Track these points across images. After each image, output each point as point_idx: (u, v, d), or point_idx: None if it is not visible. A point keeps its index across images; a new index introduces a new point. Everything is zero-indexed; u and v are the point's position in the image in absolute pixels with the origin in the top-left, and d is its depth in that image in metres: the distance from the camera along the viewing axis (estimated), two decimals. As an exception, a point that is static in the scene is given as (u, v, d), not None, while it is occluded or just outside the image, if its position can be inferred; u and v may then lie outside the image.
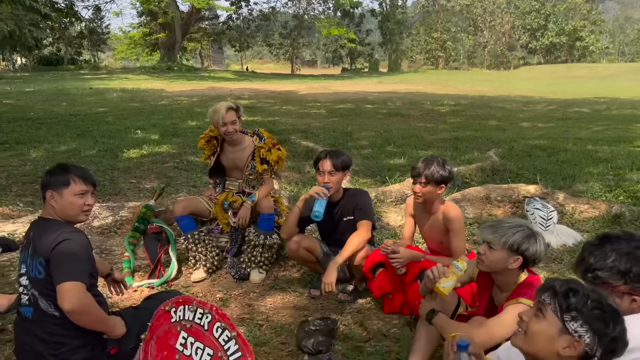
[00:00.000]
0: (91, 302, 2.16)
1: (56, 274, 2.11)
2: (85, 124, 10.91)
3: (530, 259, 2.22)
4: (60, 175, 2.33)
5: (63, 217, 2.32)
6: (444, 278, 2.29)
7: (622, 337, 1.49)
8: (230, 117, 3.68)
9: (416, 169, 3.01)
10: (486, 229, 2.29)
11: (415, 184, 3.02)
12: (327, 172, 3.26)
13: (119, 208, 4.39)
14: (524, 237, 2.21)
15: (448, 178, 2.99)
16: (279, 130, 9.91)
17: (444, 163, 2.99)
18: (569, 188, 6.00)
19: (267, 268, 3.83)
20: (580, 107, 16.51)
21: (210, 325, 2.05)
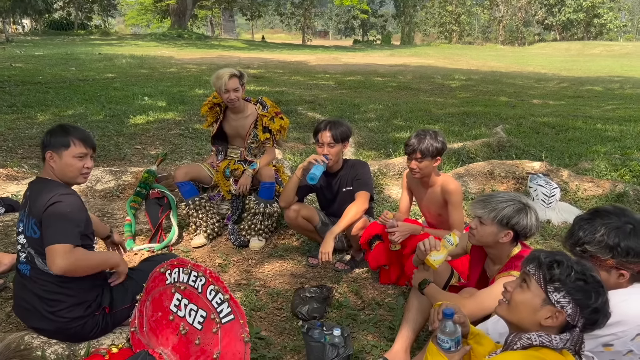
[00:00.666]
0: (79, 257, 2.17)
1: (45, 235, 2.14)
2: (93, 89, 10.90)
3: (521, 232, 2.22)
4: (61, 137, 2.35)
5: (61, 178, 2.34)
6: (435, 251, 2.30)
7: (604, 309, 1.49)
8: (232, 84, 3.66)
9: (410, 145, 2.98)
10: (476, 203, 2.29)
11: (410, 160, 3.01)
12: (327, 143, 3.25)
13: (122, 173, 4.42)
14: (515, 211, 2.20)
15: (442, 149, 2.97)
16: (286, 100, 9.87)
17: (436, 135, 2.96)
18: (575, 166, 5.95)
19: (267, 236, 3.86)
20: (593, 85, 16.24)
21: (204, 288, 2.09)
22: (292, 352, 2.57)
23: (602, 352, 1.81)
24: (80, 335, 2.32)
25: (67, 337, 2.33)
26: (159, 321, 2.22)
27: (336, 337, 2.41)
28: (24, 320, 2.39)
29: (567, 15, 55.12)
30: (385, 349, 2.54)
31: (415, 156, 2.96)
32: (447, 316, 1.71)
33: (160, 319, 2.21)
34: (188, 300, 2.13)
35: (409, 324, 2.47)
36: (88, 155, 2.40)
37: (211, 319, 2.06)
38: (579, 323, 1.50)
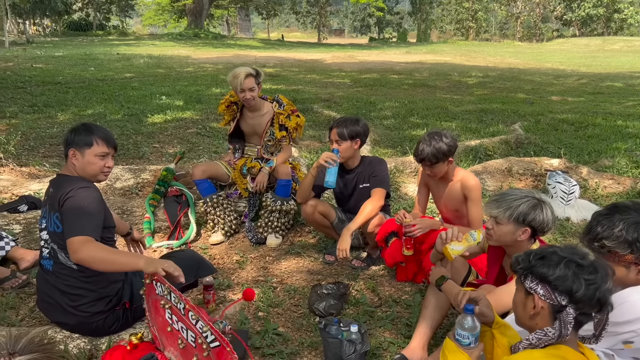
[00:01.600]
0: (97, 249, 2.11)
1: (65, 228, 2.17)
2: (112, 88, 11.04)
3: (538, 228, 2.21)
4: (85, 135, 2.39)
5: (82, 176, 2.38)
6: (456, 241, 2.30)
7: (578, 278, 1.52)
8: (248, 84, 3.69)
9: (419, 155, 2.96)
10: (490, 203, 2.28)
11: (424, 167, 3.01)
12: (335, 140, 3.28)
13: (141, 171, 4.48)
14: (530, 207, 2.19)
15: (451, 150, 2.94)
16: (301, 99, 9.89)
17: (442, 136, 2.93)
18: (594, 163, 5.88)
19: (284, 233, 3.88)
20: (614, 81, 15.97)
21: (186, 312, 1.99)
22: (309, 348, 2.59)
23: (622, 349, 1.80)
24: (101, 329, 2.36)
25: (89, 331, 2.37)
26: (162, 327, 2.17)
27: (353, 333, 2.42)
28: (46, 315, 2.44)
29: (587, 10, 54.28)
30: (403, 346, 2.54)
31: (426, 164, 2.96)
32: (467, 311, 1.72)
33: (162, 325, 2.16)
34: (177, 318, 2.05)
35: (426, 321, 2.47)
36: (109, 154, 2.45)
37: (199, 343, 1.97)
38: (562, 301, 1.52)
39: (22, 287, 3.07)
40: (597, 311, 1.54)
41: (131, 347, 2.19)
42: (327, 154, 3.19)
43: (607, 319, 1.58)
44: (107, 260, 2.10)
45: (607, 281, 1.52)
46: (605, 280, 1.52)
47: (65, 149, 2.41)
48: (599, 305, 1.52)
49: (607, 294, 1.52)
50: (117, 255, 2.13)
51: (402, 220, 2.98)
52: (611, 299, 1.54)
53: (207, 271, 2.65)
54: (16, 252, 3.28)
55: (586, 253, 1.59)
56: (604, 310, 1.54)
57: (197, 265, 2.59)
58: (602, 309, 1.53)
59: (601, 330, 1.60)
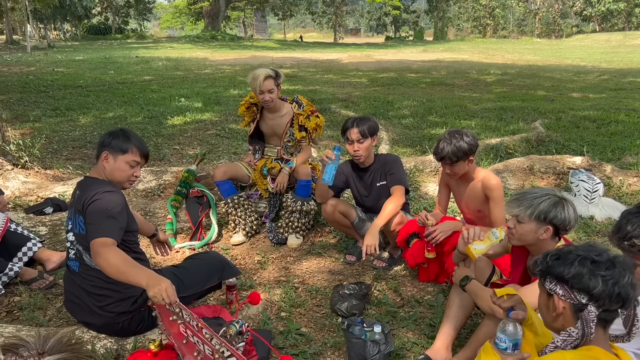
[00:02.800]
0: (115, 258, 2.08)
1: (88, 230, 2.19)
2: (132, 91, 11.18)
3: (560, 226, 2.18)
4: (122, 141, 2.42)
5: (110, 179, 2.42)
6: (478, 240, 2.28)
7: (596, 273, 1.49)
8: (267, 86, 3.70)
9: (439, 153, 2.94)
10: (511, 202, 2.25)
11: (444, 166, 2.99)
12: (356, 140, 3.26)
13: (163, 172, 4.53)
14: (551, 205, 2.17)
15: (472, 148, 2.91)
16: (319, 99, 9.89)
17: (462, 135, 2.89)
18: (618, 160, 5.80)
19: (304, 233, 3.89)
20: (636, 77, 15.68)
21: (199, 329, 1.98)
22: (332, 348, 2.59)
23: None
24: (127, 330, 2.39)
25: (115, 331, 2.40)
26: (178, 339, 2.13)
27: (377, 333, 2.42)
28: (73, 315, 2.48)
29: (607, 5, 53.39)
30: (426, 346, 2.53)
31: (446, 162, 2.94)
32: (509, 316, 1.72)
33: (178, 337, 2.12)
34: (191, 332, 2.03)
35: (450, 321, 2.46)
36: (140, 164, 2.48)
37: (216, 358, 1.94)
38: (582, 299, 1.50)
39: (49, 287, 3.12)
40: (621, 307, 1.51)
41: (152, 354, 2.21)
42: (325, 151, 3.18)
43: (635, 315, 1.56)
44: (119, 271, 2.07)
45: (627, 275, 1.49)
46: (624, 274, 1.49)
47: (99, 150, 2.43)
48: (621, 300, 1.49)
49: (629, 289, 1.49)
50: (129, 268, 2.08)
51: (424, 221, 2.97)
52: (636, 293, 1.51)
53: (231, 273, 2.67)
54: (43, 253, 3.34)
55: (604, 250, 1.56)
56: (627, 305, 1.51)
57: (222, 267, 2.61)
58: (625, 304, 1.50)
59: (631, 327, 1.57)
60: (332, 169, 3.13)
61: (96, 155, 2.46)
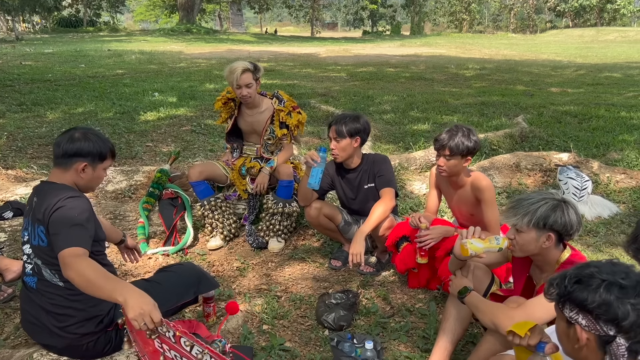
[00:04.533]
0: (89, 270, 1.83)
1: (55, 241, 1.94)
2: (103, 86, 10.79)
3: (562, 231, 2.01)
4: (101, 147, 2.17)
5: (83, 189, 2.17)
6: (477, 238, 2.10)
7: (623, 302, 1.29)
8: (245, 80, 3.47)
9: (439, 141, 2.78)
10: (507, 211, 2.08)
11: (439, 156, 2.80)
12: (333, 138, 3.07)
13: (134, 172, 4.25)
14: (549, 209, 1.99)
15: (474, 149, 2.75)
16: (298, 93, 9.66)
17: (469, 133, 2.75)
18: (603, 156, 5.71)
19: (286, 237, 3.68)
20: (612, 72, 15.81)
21: (177, 339, 1.79)
22: (319, 365, 2.39)
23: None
24: (92, 352, 2.15)
25: (79, 354, 2.15)
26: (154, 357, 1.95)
27: (368, 350, 2.23)
28: (32, 337, 2.22)
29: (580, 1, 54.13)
30: (421, 362, 2.35)
31: (444, 152, 2.75)
32: (540, 350, 1.55)
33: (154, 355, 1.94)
34: (168, 346, 1.84)
35: (446, 335, 2.27)
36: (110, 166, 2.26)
37: None
38: (609, 331, 1.30)
39: (7, 301, 2.86)
40: None
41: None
42: (310, 153, 2.97)
43: None
44: (94, 284, 1.81)
45: None
46: None
47: (71, 159, 2.12)
48: None
49: None
50: (106, 281, 1.82)
51: (417, 224, 2.78)
52: None
53: (208, 286, 2.44)
54: (1, 262, 3.05)
55: (628, 269, 1.36)
56: None
57: (198, 280, 2.38)
58: None
59: None
60: (318, 172, 2.92)
61: (61, 162, 2.13)
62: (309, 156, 2.95)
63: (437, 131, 7.17)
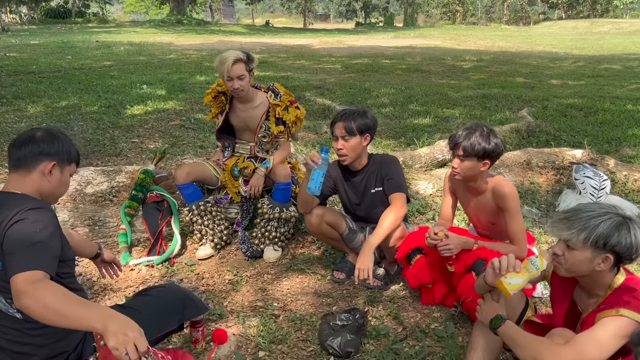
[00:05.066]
0: (52, 298, 1.49)
1: (8, 263, 1.58)
2: (89, 78, 10.37)
3: (625, 255, 1.68)
4: (70, 146, 1.87)
5: (47, 197, 1.82)
6: (513, 273, 1.78)
7: None
8: (237, 71, 3.11)
9: (454, 139, 2.46)
10: (559, 222, 1.74)
11: (453, 157, 2.48)
12: (340, 136, 2.72)
13: (116, 173, 3.89)
14: (612, 227, 1.66)
15: (492, 152, 2.41)
16: (292, 86, 9.29)
17: (490, 134, 2.41)
18: (616, 152, 5.41)
19: (283, 245, 3.34)
20: (611, 63, 15.54)
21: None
22: (325, 402, 2.07)
23: None
24: (57, 395, 1.81)
25: (41, 397, 1.81)
26: None
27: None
28: (-15, 377, 1.87)
29: (573, -8, 53.82)
30: (443, 398, 2.03)
31: (457, 152, 2.43)
32: None
33: None
34: None
35: (474, 368, 1.95)
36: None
37: None
38: None
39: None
40: None
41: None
42: (310, 153, 2.63)
43: None
44: (59, 313, 1.47)
45: None
46: None
47: (35, 159, 1.79)
48: None
49: None
50: (76, 307, 1.49)
51: (433, 240, 2.44)
52: None
53: (194, 312, 2.10)
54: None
55: None
56: None
57: (183, 305, 2.04)
58: None
59: None
60: (320, 175, 2.58)
61: (22, 164, 1.79)
62: (309, 157, 2.61)
63: (439, 125, 6.88)
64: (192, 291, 2.89)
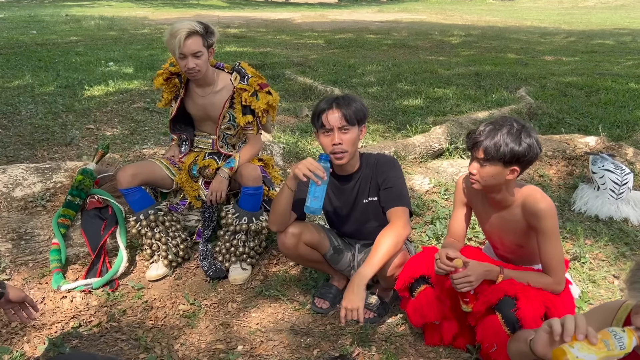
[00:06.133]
0: None
1: None
2: (52, 54, 9.58)
3: None
4: None
5: None
6: (585, 343, 1.19)
7: None
8: (192, 46, 2.47)
9: (473, 137, 1.86)
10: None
11: (472, 160, 1.88)
12: (337, 128, 2.08)
13: (53, 171, 3.23)
14: None
15: (524, 156, 1.82)
16: (271, 63, 8.60)
17: (521, 131, 1.82)
18: (629, 138, 4.87)
19: (253, 262, 2.74)
20: (603, 39, 14.99)
21: None
22: None
23: None
24: None
25: None
26: None
27: None
28: None
29: (559, -34, 53.07)
30: None
31: (477, 154, 1.83)
32: None
33: None
34: None
35: None
36: None
37: None
38: None
39: None
40: None
41: None
42: (310, 163, 2.00)
43: None
44: None
45: None
46: None
47: None
48: None
49: None
50: None
51: (446, 267, 1.85)
52: None
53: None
54: None
55: None
56: None
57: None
58: None
59: None
60: (324, 191, 1.98)
61: None
62: (309, 168, 1.97)
63: (432, 107, 6.27)
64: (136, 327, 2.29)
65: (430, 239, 2.98)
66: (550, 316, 1.75)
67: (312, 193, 1.96)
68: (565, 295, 1.91)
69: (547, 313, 1.76)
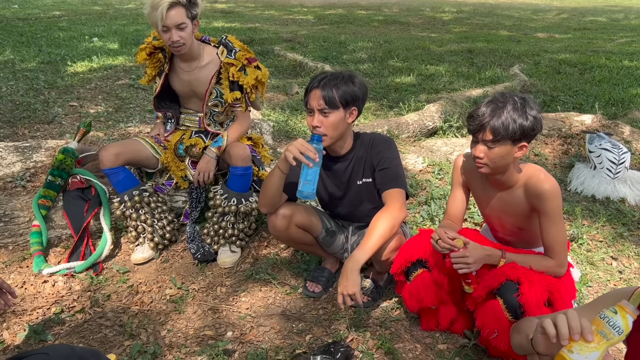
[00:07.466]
0: None
1: None
2: (34, 29, 9.30)
3: None
4: None
5: None
6: (582, 342, 1.12)
7: None
8: (175, 18, 2.33)
9: (476, 118, 1.75)
10: None
11: (475, 142, 1.78)
12: (317, 109, 1.97)
13: (33, 150, 3.10)
14: None
15: (532, 130, 1.73)
16: (260, 39, 8.41)
17: (524, 105, 1.72)
18: (624, 116, 4.81)
19: (243, 244, 2.65)
20: (595, 16, 14.89)
21: None
22: None
23: None
24: None
25: None
26: None
27: None
28: None
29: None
30: None
31: (484, 136, 1.73)
32: None
33: None
34: None
35: None
36: None
37: None
38: None
39: None
40: None
41: None
42: (302, 144, 1.88)
43: None
44: None
45: None
46: None
47: None
48: None
49: None
50: None
51: (447, 245, 1.77)
52: None
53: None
54: None
55: None
56: None
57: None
58: None
59: None
60: (316, 174, 1.87)
61: None
62: (301, 150, 1.85)
63: (424, 85, 6.17)
64: (121, 313, 2.20)
65: (424, 220, 2.90)
66: (553, 301, 1.68)
67: (304, 176, 1.85)
68: (567, 279, 1.84)
69: (550, 298, 1.69)
